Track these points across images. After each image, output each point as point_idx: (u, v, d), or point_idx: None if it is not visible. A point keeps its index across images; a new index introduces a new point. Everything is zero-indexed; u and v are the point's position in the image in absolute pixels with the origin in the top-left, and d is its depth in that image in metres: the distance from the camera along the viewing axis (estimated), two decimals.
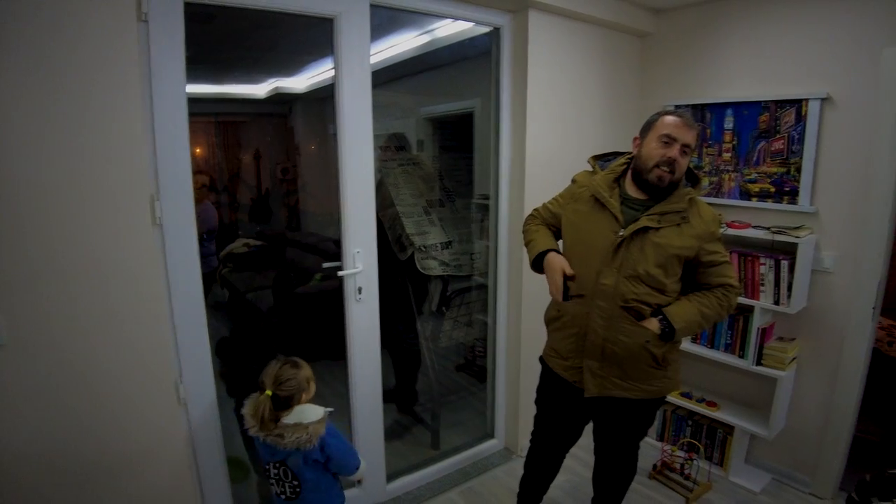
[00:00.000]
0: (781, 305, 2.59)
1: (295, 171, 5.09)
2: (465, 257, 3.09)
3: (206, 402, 2.06)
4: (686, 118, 1.86)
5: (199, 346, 2.01)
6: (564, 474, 2.81)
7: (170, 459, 1.97)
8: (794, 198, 2.66)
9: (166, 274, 1.88)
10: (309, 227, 4.99)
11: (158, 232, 1.84)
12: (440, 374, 3.40)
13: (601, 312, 1.90)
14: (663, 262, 1.85)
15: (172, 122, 1.83)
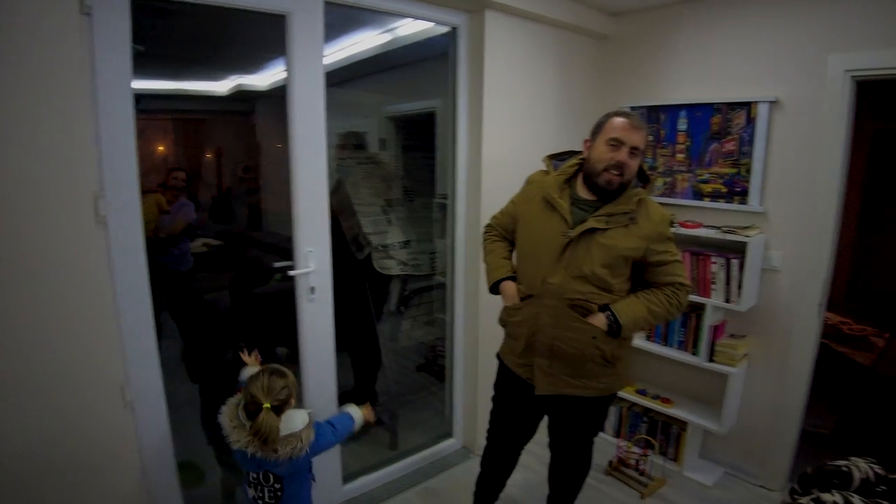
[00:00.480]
0: (732, 303, 2.65)
1: (257, 169, 5.02)
2: (423, 256, 3.08)
3: (155, 405, 2.01)
4: (633, 119, 1.88)
5: (147, 348, 1.95)
6: (521, 471, 2.82)
7: (116, 465, 1.92)
8: (745, 198, 2.72)
9: (111, 273, 1.82)
10: (270, 227, 4.92)
11: (102, 230, 1.78)
12: (400, 375, 3.39)
13: (549, 311, 1.93)
14: (610, 262, 1.87)
15: (117, 117, 1.77)
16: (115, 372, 1.87)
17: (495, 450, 2.34)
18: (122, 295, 1.85)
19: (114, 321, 1.85)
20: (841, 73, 2.42)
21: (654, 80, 3.04)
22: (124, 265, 1.85)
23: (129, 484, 1.97)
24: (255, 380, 1.77)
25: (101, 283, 1.80)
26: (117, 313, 1.85)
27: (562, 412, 2.12)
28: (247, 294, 3.73)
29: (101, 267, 1.79)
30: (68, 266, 1.70)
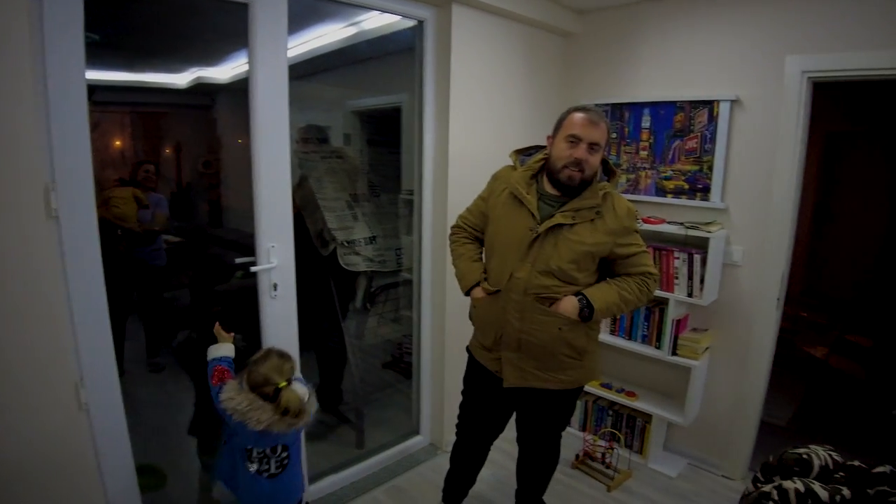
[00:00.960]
0: (695, 297, 2.69)
1: (217, 164, 4.89)
2: (389, 253, 3.05)
3: (111, 407, 1.92)
4: (592, 115, 1.89)
5: (103, 347, 1.87)
6: (489, 467, 2.81)
7: (71, 469, 1.83)
8: (707, 194, 2.77)
9: (64, 270, 1.73)
10: (231, 223, 4.80)
11: (55, 225, 1.69)
12: (366, 372, 3.35)
13: (515, 306, 1.94)
14: (576, 257, 1.88)
15: (70, 107, 1.68)
16: (68, 372, 1.78)
17: (465, 444, 2.34)
18: (75, 292, 1.77)
19: (67, 319, 1.76)
20: (798, 74, 2.49)
21: (619, 77, 3.07)
22: (78, 261, 1.76)
23: (86, 489, 1.89)
24: (262, 363, 1.79)
25: (53, 279, 1.71)
26: (70, 311, 1.77)
27: (530, 405, 2.13)
28: (208, 292, 3.64)
29: (52, 263, 1.70)
30: (18, 261, 1.61)
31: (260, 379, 1.75)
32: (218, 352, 1.97)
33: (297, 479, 1.98)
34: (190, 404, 2.50)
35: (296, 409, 1.72)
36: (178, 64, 4.10)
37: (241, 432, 1.78)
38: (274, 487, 1.85)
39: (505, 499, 2.63)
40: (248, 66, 2.13)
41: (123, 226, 3.10)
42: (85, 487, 1.88)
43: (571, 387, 2.04)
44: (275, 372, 1.76)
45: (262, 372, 1.76)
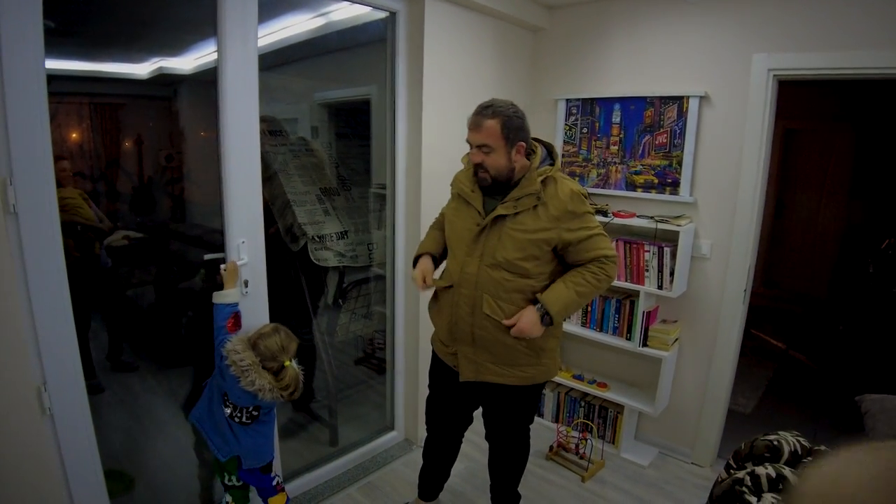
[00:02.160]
0: (664, 290, 2.74)
1: (180, 158, 4.75)
2: (361, 248, 3.01)
3: (77, 411, 1.84)
4: (475, 117, 1.89)
5: (67, 348, 1.79)
6: (463, 462, 2.83)
7: (36, 477, 1.75)
8: (676, 189, 2.81)
9: (24, 267, 1.65)
10: (194, 218, 4.69)
11: (13, 220, 1.61)
12: (338, 369, 3.31)
13: (467, 301, 1.96)
14: (521, 247, 1.88)
15: (27, 93, 1.59)
16: (30, 376, 1.71)
17: (435, 438, 2.35)
18: (36, 291, 1.69)
19: (27, 319, 1.68)
20: (764, 72, 2.54)
21: (590, 73, 3.09)
22: (39, 258, 1.67)
23: (51, 497, 1.81)
24: (271, 336, 1.95)
25: (12, 277, 1.63)
26: (31, 311, 1.68)
27: (490, 400, 2.15)
28: (172, 290, 3.55)
29: (11, 260, 1.62)
30: None
31: (268, 353, 1.91)
32: (226, 298, 2.05)
33: (266, 441, 2.10)
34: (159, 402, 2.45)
35: (294, 387, 1.93)
36: (139, 53, 3.96)
37: (227, 380, 1.91)
38: (242, 433, 2.00)
39: (479, 493, 2.64)
40: (216, 54, 2.07)
41: (95, 226, 2.96)
42: (51, 496, 1.80)
43: (528, 383, 2.04)
44: (281, 351, 1.94)
45: (270, 347, 1.93)
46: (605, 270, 1.93)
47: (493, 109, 1.85)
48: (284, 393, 1.92)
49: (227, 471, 2.10)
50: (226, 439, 2.02)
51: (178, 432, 2.62)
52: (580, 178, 3.12)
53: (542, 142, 2.00)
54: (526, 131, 1.90)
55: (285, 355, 1.95)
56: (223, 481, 2.14)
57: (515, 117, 1.87)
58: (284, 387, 1.91)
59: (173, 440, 2.62)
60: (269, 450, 2.13)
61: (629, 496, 2.71)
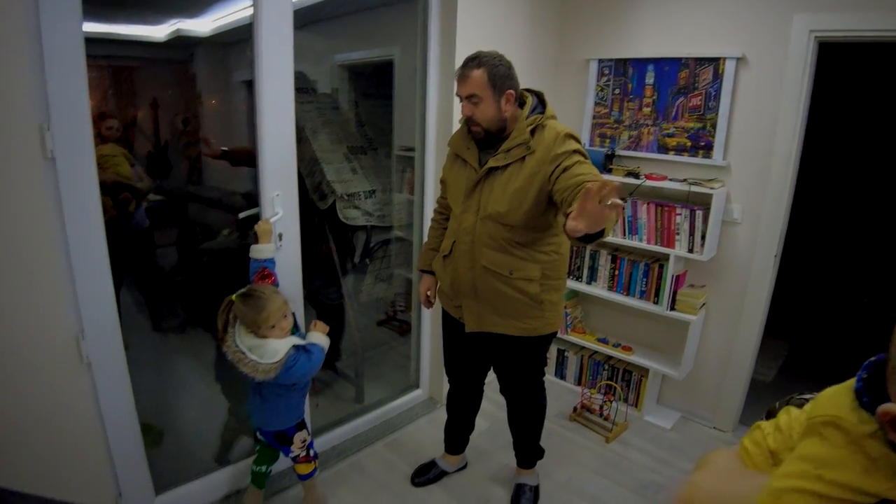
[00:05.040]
0: (695, 253, 2.72)
1: (196, 121, 4.73)
2: (388, 207, 3.00)
3: (114, 362, 1.87)
4: (462, 69, 1.87)
5: (103, 299, 1.80)
6: (486, 421, 2.86)
7: (74, 424, 1.79)
8: (709, 152, 2.78)
9: (61, 215, 1.64)
10: (211, 181, 4.68)
11: (51, 167, 1.60)
12: (362, 330, 3.32)
13: (465, 255, 1.99)
14: (514, 198, 1.85)
15: (64, 39, 1.57)
16: (69, 325, 1.72)
17: (455, 388, 2.41)
18: (74, 240, 1.69)
19: (65, 268, 1.69)
20: (805, 33, 2.48)
21: (623, 33, 3.03)
22: (76, 204, 1.67)
23: (89, 445, 1.85)
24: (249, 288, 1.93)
25: (51, 225, 1.63)
26: (69, 260, 1.69)
27: (497, 352, 2.17)
28: (195, 251, 3.55)
29: (50, 207, 1.61)
30: (13, 205, 1.53)
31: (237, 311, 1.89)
32: (259, 254, 2.06)
33: (275, 412, 2.07)
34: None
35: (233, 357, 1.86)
36: (156, 15, 3.90)
37: None
38: (261, 389, 2.02)
39: (503, 450, 2.67)
40: (252, 9, 2.03)
41: (130, 185, 2.93)
42: (88, 443, 1.84)
43: (531, 335, 2.04)
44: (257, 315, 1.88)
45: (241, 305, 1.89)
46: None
47: (478, 60, 1.84)
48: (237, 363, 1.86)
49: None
50: (246, 390, 2.11)
51: (201, 390, 2.65)
52: (611, 140, 3.09)
53: (534, 91, 1.97)
54: (513, 79, 1.88)
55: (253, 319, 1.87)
56: (254, 434, 2.18)
57: (501, 66, 1.85)
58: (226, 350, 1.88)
59: (197, 398, 2.65)
60: (282, 418, 2.10)
61: (652, 458, 2.73)
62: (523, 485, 2.41)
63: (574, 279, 3.20)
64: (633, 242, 2.90)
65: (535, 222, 1.89)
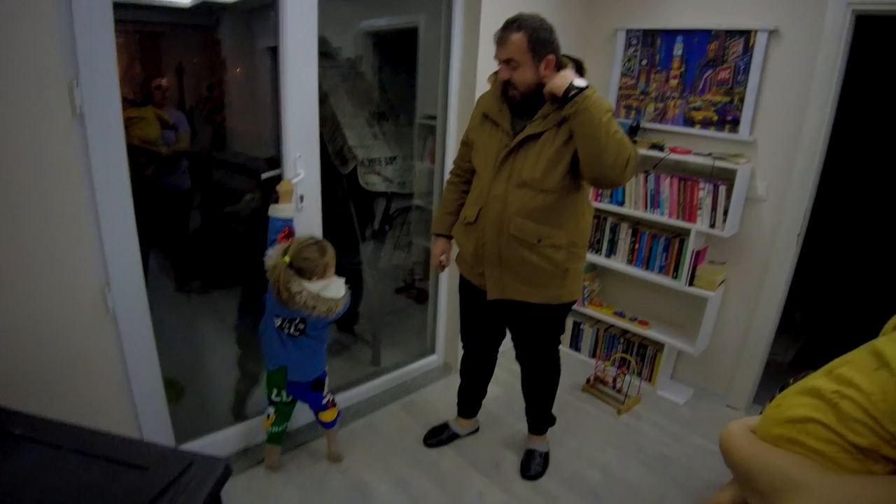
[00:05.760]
0: (716, 229, 2.69)
1: (221, 87, 4.76)
2: (408, 175, 3.01)
3: (138, 314, 1.93)
4: (499, 32, 1.84)
5: (129, 252, 1.86)
6: (499, 387, 2.90)
7: (99, 374, 1.85)
8: (735, 127, 2.73)
9: (90, 170, 1.69)
10: (236, 146, 4.72)
11: (79, 123, 1.64)
12: (380, 297, 3.37)
13: (493, 223, 1.96)
14: (549, 165, 1.85)
15: None
16: (95, 276, 1.78)
17: (470, 354, 2.44)
18: (101, 194, 1.73)
19: (93, 222, 1.74)
20: (842, 5, 2.40)
21: (653, 3, 2.96)
22: (104, 159, 1.71)
23: (114, 394, 1.92)
24: (304, 247, 1.98)
25: (79, 179, 1.67)
26: (96, 213, 1.74)
27: (517, 319, 2.18)
28: (219, 214, 3.61)
29: (79, 162, 1.66)
30: (44, 160, 1.57)
31: (304, 264, 1.95)
32: (281, 212, 2.10)
33: (314, 358, 2.19)
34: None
35: (276, 279, 1.92)
36: None
37: (270, 291, 2.01)
38: (292, 345, 2.11)
39: (515, 416, 2.71)
40: None
41: (150, 149, 2.97)
42: (114, 391, 1.91)
43: (552, 302, 2.05)
44: (293, 246, 1.97)
45: (306, 256, 1.96)
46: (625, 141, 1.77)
47: (518, 23, 1.80)
48: (313, 309, 1.94)
49: (276, 385, 2.19)
50: (274, 350, 2.12)
51: (221, 349, 2.72)
52: (637, 112, 3.05)
53: (574, 59, 1.93)
54: (554, 44, 1.84)
55: (292, 254, 1.95)
56: (270, 397, 2.22)
57: (542, 30, 1.81)
58: (270, 271, 1.94)
59: (216, 356, 2.72)
60: (316, 366, 2.22)
61: (664, 431, 2.74)
62: (534, 450, 2.45)
63: (593, 252, 3.20)
64: (654, 216, 2.88)
65: (568, 187, 1.89)
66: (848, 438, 0.61)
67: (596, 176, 1.80)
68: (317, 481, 2.27)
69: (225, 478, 1.05)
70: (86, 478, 0.98)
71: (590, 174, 1.81)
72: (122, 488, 0.96)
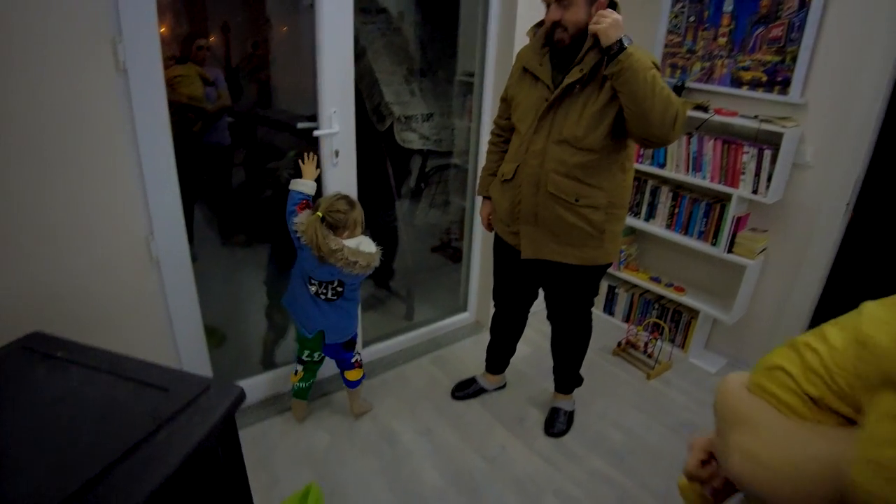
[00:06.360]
0: (759, 195, 2.61)
1: (266, 45, 4.81)
2: (446, 132, 3.01)
3: (180, 262, 2.04)
4: None
5: (171, 203, 1.94)
6: (528, 346, 2.93)
7: (145, 321, 1.97)
8: (786, 88, 2.61)
9: (133, 124, 1.76)
10: (280, 104, 4.79)
11: (122, 78, 1.70)
12: (415, 254, 3.42)
13: (530, 180, 1.94)
14: (590, 120, 1.81)
15: None
16: (139, 226, 1.88)
17: (501, 313, 2.46)
18: (144, 148, 1.81)
19: (137, 173, 1.82)
20: None
21: None
22: (147, 114, 1.78)
23: (158, 336, 2.04)
24: (334, 202, 2.04)
25: (124, 132, 1.75)
26: (140, 166, 1.82)
27: (551, 279, 2.18)
28: (262, 171, 3.69)
29: (123, 116, 1.73)
30: (90, 115, 1.65)
31: (335, 218, 2.01)
32: (304, 187, 2.14)
33: (350, 318, 2.27)
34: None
35: (312, 234, 1.96)
36: None
37: (307, 257, 2.06)
38: (328, 309, 2.17)
39: (542, 376, 2.75)
40: None
41: (197, 106, 3.05)
42: (157, 336, 2.03)
43: (588, 264, 2.04)
44: (323, 202, 2.04)
45: (337, 207, 2.02)
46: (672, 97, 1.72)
47: None
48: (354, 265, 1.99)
49: (308, 347, 2.25)
50: (310, 316, 2.18)
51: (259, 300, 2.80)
52: (682, 71, 2.94)
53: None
54: None
55: (323, 209, 2.00)
56: (300, 356, 2.29)
57: None
58: (304, 229, 1.98)
59: (255, 307, 2.82)
60: (352, 326, 2.30)
61: (691, 398, 2.73)
62: (559, 409, 2.49)
63: (632, 215, 3.14)
64: (695, 180, 2.81)
65: (610, 147, 1.86)
66: (804, 388, 0.62)
67: (644, 135, 1.76)
68: (346, 427, 2.38)
69: (239, 401, 1.15)
70: (115, 395, 1.11)
71: (637, 133, 1.77)
72: (145, 405, 1.08)
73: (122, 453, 0.95)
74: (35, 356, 1.24)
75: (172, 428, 1.03)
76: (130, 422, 1.03)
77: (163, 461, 0.95)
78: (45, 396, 1.11)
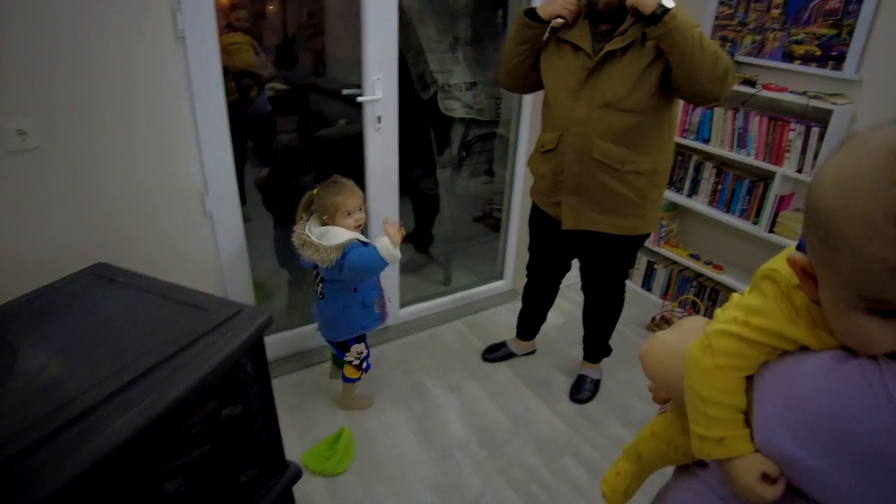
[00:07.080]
0: (804, 174, 2.55)
1: (321, 14, 4.91)
2: (489, 101, 3.05)
3: (231, 217, 2.20)
4: None
5: (224, 161, 2.09)
6: (559, 316, 2.98)
7: (198, 269, 2.16)
8: (840, 64, 2.52)
9: (190, 87, 1.91)
10: (333, 73, 4.89)
11: (181, 45, 1.85)
12: (457, 223, 3.51)
13: (574, 148, 1.94)
14: (632, 84, 1.81)
15: None
16: (194, 182, 2.04)
17: (534, 283, 2.51)
18: (200, 109, 1.96)
19: (192, 133, 1.98)
20: None
21: None
22: (202, 79, 1.93)
23: (208, 281, 2.21)
24: (324, 185, 2.02)
25: (181, 94, 1.91)
26: (196, 127, 1.98)
27: (589, 249, 2.20)
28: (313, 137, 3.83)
29: (180, 81, 1.89)
30: (150, 80, 1.82)
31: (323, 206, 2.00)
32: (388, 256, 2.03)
33: (333, 320, 2.16)
34: None
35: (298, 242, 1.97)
36: None
37: None
38: (321, 303, 2.16)
39: (571, 345, 2.79)
40: None
41: (253, 73, 3.18)
42: (208, 286, 2.19)
43: (628, 233, 2.06)
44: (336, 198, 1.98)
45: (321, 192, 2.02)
46: (719, 52, 1.73)
47: None
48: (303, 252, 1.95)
49: None
50: (315, 306, 2.23)
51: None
52: (732, 45, 2.87)
53: None
54: None
55: (330, 201, 1.96)
56: None
57: None
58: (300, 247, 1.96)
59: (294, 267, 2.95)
60: (345, 329, 2.16)
61: None
62: (585, 376, 2.55)
63: (675, 191, 3.12)
64: (740, 156, 2.76)
65: (655, 107, 1.87)
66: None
67: (694, 92, 1.78)
68: (379, 378, 2.52)
69: (267, 324, 1.33)
70: (162, 313, 1.33)
71: (688, 91, 1.79)
72: (186, 321, 1.28)
73: (164, 357, 1.15)
74: (100, 280, 1.47)
75: (207, 341, 1.22)
76: (172, 334, 1.23)
77: (197, 366, 1.15)
78: (104, 311, 1.34)
